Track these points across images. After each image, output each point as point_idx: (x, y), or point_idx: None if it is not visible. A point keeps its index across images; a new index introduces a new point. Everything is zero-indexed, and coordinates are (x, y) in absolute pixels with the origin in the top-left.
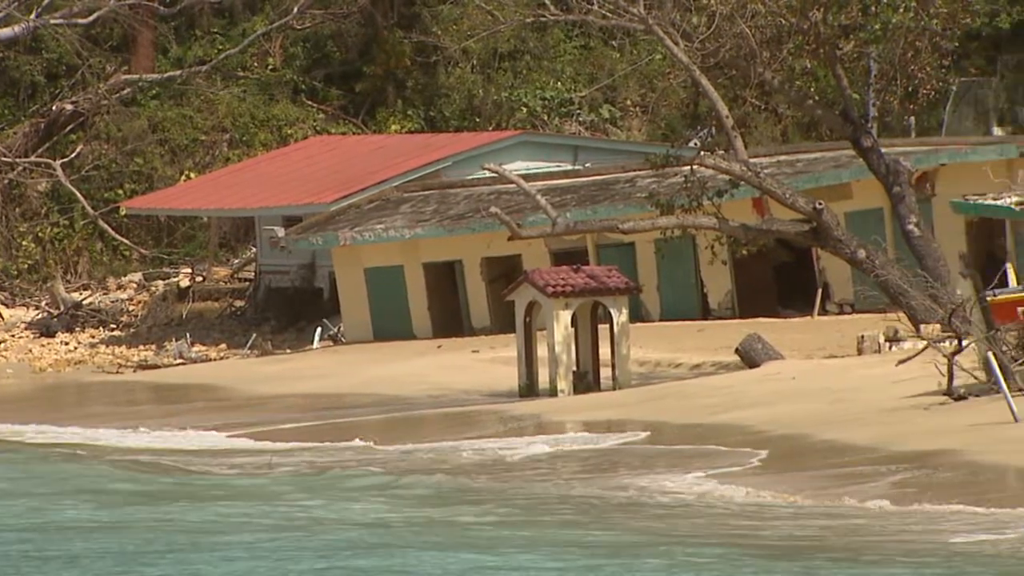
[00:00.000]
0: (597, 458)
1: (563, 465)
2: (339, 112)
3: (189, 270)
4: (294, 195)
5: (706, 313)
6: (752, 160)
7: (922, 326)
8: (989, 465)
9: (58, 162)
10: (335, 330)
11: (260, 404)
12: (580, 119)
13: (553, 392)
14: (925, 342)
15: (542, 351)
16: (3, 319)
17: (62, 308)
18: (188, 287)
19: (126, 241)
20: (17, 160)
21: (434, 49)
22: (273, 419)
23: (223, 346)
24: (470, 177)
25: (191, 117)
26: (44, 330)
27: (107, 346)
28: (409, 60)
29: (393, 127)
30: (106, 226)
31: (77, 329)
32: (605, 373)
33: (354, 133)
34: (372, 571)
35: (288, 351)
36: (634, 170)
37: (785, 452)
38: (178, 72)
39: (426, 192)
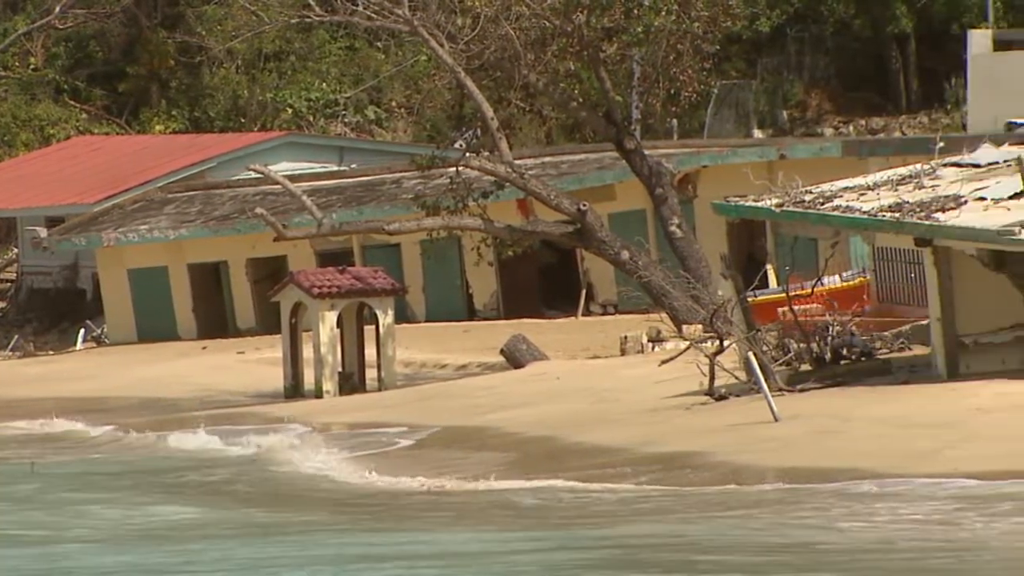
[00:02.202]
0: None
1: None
2: (102, 112)
3: None
4: (57, 195)
5: (472, 314)
6: (517, 161)
7: (684, 326)
8: (742, 465)
9: None
10: (99, 331)
11: (20, 406)
12: (345, 120)
13: (318, 393)
14: (687, 342)
15: (308, 352)
16: None
17: None
18: None
19: None
20: None
21: (198, 49)
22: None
23: None
24: (235, 178)
25: None
26: None
27: None
28: (173, 60)
29: (157, 127)
30: None
31: None
32: (371, 374)
33: (118, 133)
34: None
35: (51, 352)
36: (400, 171)
37: (539, 453)
38: None
39: (191, 193)
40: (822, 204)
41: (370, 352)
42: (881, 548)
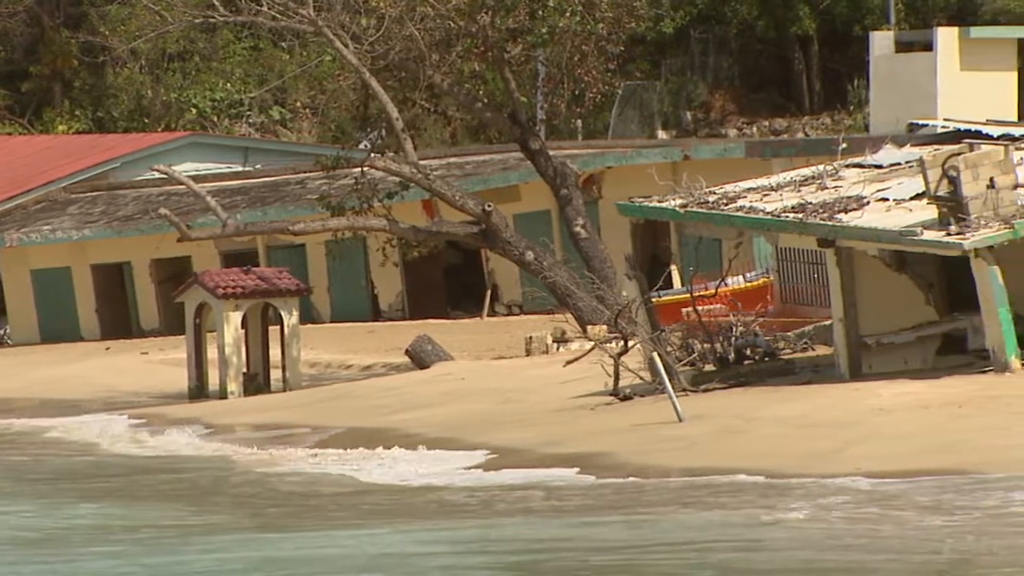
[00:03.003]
0: None
1: None
2: (5, 112)
3: None
4: None
5: (377, 314)
6: (422, 162)
7: (589, 327)
8: (646, 465)
9: None
10: (1, 332)
11: None
12: (250, 120)
13: (223, 394)
14: (592, 343)
15: (212, 353)
16: None
17: None
18: None
19: None
20: None
21: (102, 49)
22: None
23: None
24: (139, 178)
25: None
26: None
27: None
28: (76, 60)
29: (60, 127)
30: None
31: None
32: (276, 375)
33: (20, 133)
34: None
35: None
36: (304, 172)
37: None
38: None
39: (94, 193)
40: (726, 205)
41: (275, 353)
42: (834, 547)
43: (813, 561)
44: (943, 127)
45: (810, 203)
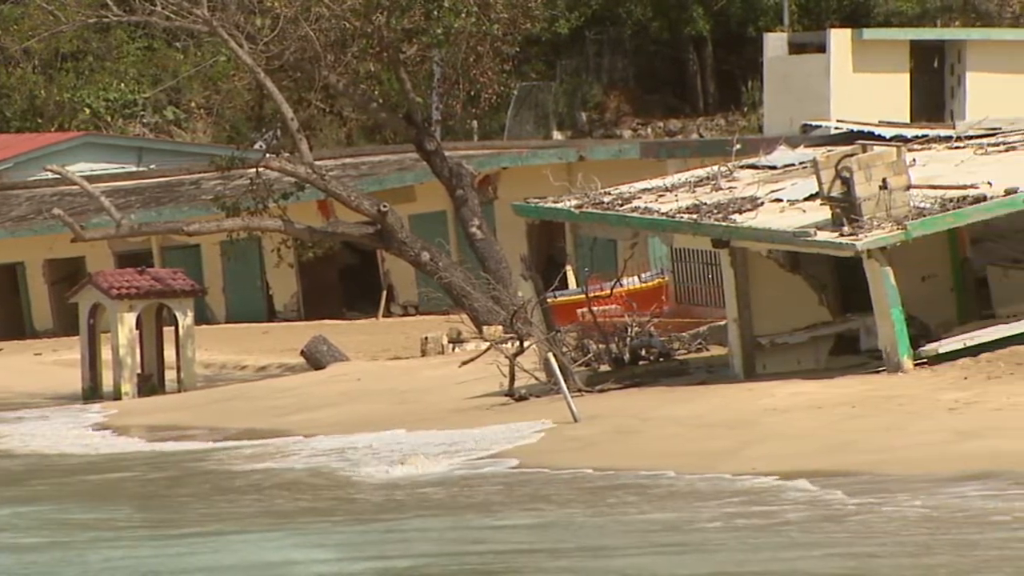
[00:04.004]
0: None
1: None
2: None
3: None
4: None
5: (272, 315)
6: (317, 162)
7: (485, 327)
8: (539, 466)
9: None
10: None
11: None
12: (144, 120)
13: (117, 395)
14: (487, 343)
15: (107, 353)
16: None
17: None
18: None
19: None
20: None
21: None
22: None
23: None
24: (32, 178)
25: None
26: None
27: None
28: None
29: None
30: None
31: None
32: (171, 375)
33: None
34: None
35: None
36: (199, 172)
37: None
38: None
39: None
40: (621, 205)
41: (169, 353)
42: (759, 548)
43: (745, 563)
44: (836, 128)
45: (704, 204)
